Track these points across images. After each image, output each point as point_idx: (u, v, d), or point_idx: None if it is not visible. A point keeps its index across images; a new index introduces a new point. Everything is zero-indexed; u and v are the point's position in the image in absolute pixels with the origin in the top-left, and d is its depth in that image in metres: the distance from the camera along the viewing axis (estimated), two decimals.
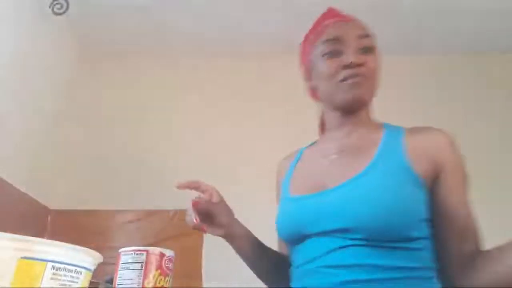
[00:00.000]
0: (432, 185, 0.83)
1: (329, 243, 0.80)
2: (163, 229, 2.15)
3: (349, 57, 0.88)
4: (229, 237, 1.00)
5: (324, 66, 0.92)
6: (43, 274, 0.44)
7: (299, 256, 0.87)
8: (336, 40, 0.91)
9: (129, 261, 0.68)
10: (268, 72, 2.49)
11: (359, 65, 0.88)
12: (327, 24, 0.96)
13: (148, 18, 2.26)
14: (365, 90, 0.89)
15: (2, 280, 0.42)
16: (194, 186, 1.00)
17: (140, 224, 2.17)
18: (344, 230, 0.78)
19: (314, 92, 1.01)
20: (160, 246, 0.71)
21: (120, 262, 0.69)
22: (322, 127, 1.04)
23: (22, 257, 0.43)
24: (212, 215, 0.97)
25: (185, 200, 2.58)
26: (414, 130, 0.90)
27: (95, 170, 2.27)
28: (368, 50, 0.90)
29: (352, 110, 0.92)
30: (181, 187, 1.00)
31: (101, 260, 0.52)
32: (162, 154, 2.32)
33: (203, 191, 0.99)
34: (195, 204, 0.95)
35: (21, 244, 0.44)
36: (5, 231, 0.45)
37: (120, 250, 0.70)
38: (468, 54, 2.51)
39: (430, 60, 2.52)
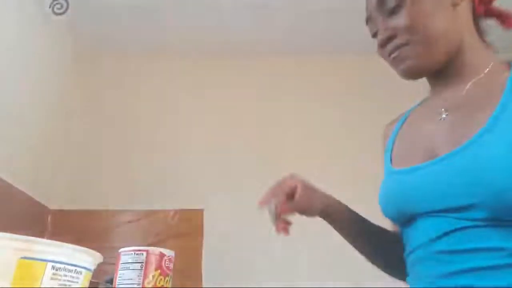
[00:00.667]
0: None
1: (443, 225, 0.66)
2: (163, 229, 2.15)
3: (379, 36, 0.77)
4: (324, 216, 0.88)
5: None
6: (43, 274, 0.44)
7: (409, 240, 0.74)
8: (368, 20, 0.81)
9: (129, 261, 0.68)
10: (268, 72, 2.49)
11: (390, 38, 0.75)
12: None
13: (148, 18, 2.25)
14: (412, 59, 0.74)
15: (2, 280, 0.42)
16: (273, 195, 0.86)
17: (140, 224, 2.17)
18: (460, 209, 0.64)
19: None
20: (160, 246, 0.71)
21: (120, 262, 0.69)
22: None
23: (22, 257, 0.43)
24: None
25: (185, 200, 2.59)
26: None
27: (95, 170, 2.27)
28: (395, 8, 0.75)
29: (420, 78, 0.78)
30: (262, 204, 0.87)
31: (101, 260, 0.52)
32: (162, 154, 2.32)
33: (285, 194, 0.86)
34: (281, 212, 0.85)
35: (21, 244, 0.44)
36: (5, 231, 0.45)
37: (120, 250, 0.70)
38: None
39: None
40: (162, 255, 0.69)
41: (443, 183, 0.66)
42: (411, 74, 0.76)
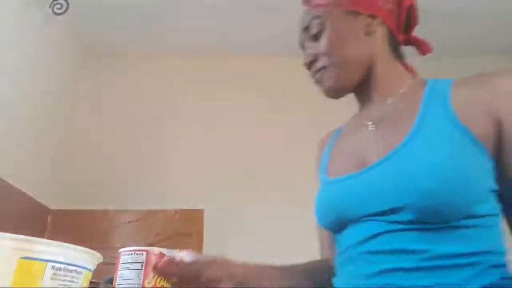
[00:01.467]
0: (495, 149, 0.68)
1: (372, 228, 0.69)
2: (163, 229, 2.15)
3: (304, 59, 0.86)
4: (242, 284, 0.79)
5: None
6: (43, 274, 0.44)
7: (340, 244, 0.77)
8: (300, 45, 0.90)
9: (129, 261, 0.68)
10: (268, 72, 2.49)
11: (312, 61, 0.84)
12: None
13: (148, 18, 2.26)
14: (329, 81, 0.83)
15: (2, 280, 0.42)
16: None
17: (140, 224, 2.17)
18: (389, 212, 0.67)
19: None
20: (160, 246, 0.71)
21: (120, 262, 0.69)
22: None
23: (22, 257, 0.43)
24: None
25: (185, 200, 2.59)
26: (465, 80, 0.74)
27: (95, 170, 2.27)
28: (316, 35, 0.84)
29: (341, 96, 0.87)
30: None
31: (101, 260, 0.52)
32: (162, 154, 2.32)
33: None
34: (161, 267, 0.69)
35: (21, 244, 0.44)
36: (5, 231, 0.45)
37: (120, 250, 0.70)
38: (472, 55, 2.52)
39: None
40: (162, 255, 0.69)
41: (373, 189, 0.70)
42: (331, 93, 0.85)
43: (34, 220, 2.02)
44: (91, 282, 0.50)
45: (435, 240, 0.64)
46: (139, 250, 0.69)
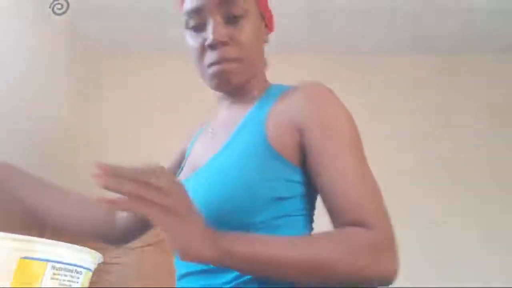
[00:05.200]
0: (301, 159, 0.70)
1: None
2: None
3: (209, 34, 0.73)
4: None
5: (190, 42, 0.79)
6: (43, 274, 0.44)
7: None
8: (196, 11, 0.75)
9: None
10: (269, 72, 2.50)
11: (223, 43, 0.73)
12: None
13: (149, 18, 2.26)
14: (234, 75, 0.75)
15: (3, 280, 0.42)
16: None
17: None
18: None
19: None
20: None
21: None
22: None
23: (22, 257, 0.43)
24: None
25: None
26: (291, 90, 0.76)
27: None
28: (237, 17, 0.74)
29: (224, 92, 0.81)
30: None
31: (102, 260, 0.52)
32: (162, 154, 2.32)
33: None
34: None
35: (21, 244, 0.44)
36: (5, 230, 0.45)
37: None
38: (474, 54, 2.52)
39: (431, 59, 2.52)
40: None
41: (193, 195, 0.67)
42: (225, 88, 0.78)
43: (35, 219, 2.03)
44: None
45: None
46: None
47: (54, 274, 0.44)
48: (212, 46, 0.74)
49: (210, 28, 0.74)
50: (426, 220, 2.21)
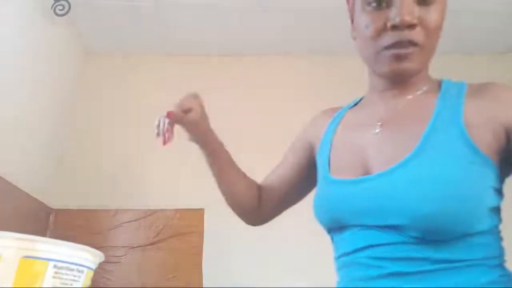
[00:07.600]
0: (501, 154, 0.66)
1: (374, 237, 0.67)
2: (163, 229, 2.16)
3: (399, 13, 0.66)
4: (204, 142, 1.00)
5: (364, 22, 0.71)
6: (45, 273, 0.44)
7: (337, 247, 0.77)
8: None
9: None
10: (268, 73, 2.50)
11: (412, 26, 0.67)
12: None
13: (149, 18, 2.26)
14: (416, 63, 0.70)
15: (5, 279, 0.42)
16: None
17: (140, 224, 2.17)
18: (390, 227, 0.65)
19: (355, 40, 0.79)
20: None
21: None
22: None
23: (24, 256, 0.43)
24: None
25: (185, 200, 2.58)
26: (476, 88, 0.71)
27: (97, 170, 2.28)
28: (429, 1, 0.68)
29: (397, 81, 0.74)
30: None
31: (103, 259, 0.53)
32: (162, 154, 2.32)
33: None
34: (171, 116, 0.92)
35: (23, 243, 0.44)
36: (7, 230, 0.45)
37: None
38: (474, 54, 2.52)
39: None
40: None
41: (373, 203, 0.67)
42: (407, 74, 0.72)
43: (36, 219, 2.03)
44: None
45: (438, 249, 0.63)
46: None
47: (55, 273, 0.45)
48: (398, 27, 0.67)
49: (399, 7, 0.67)
50: None
